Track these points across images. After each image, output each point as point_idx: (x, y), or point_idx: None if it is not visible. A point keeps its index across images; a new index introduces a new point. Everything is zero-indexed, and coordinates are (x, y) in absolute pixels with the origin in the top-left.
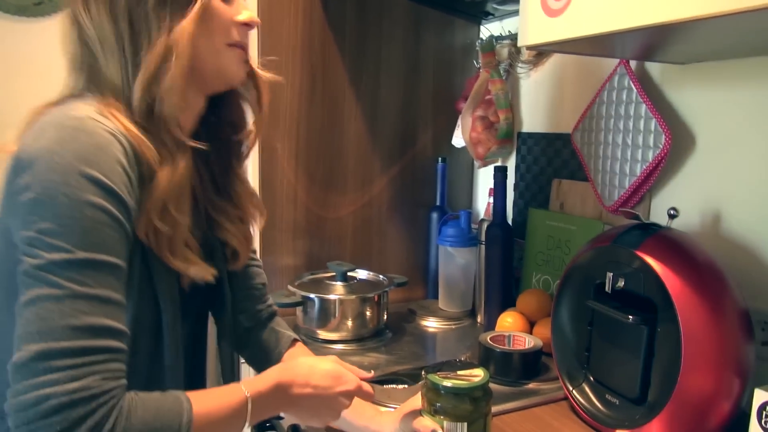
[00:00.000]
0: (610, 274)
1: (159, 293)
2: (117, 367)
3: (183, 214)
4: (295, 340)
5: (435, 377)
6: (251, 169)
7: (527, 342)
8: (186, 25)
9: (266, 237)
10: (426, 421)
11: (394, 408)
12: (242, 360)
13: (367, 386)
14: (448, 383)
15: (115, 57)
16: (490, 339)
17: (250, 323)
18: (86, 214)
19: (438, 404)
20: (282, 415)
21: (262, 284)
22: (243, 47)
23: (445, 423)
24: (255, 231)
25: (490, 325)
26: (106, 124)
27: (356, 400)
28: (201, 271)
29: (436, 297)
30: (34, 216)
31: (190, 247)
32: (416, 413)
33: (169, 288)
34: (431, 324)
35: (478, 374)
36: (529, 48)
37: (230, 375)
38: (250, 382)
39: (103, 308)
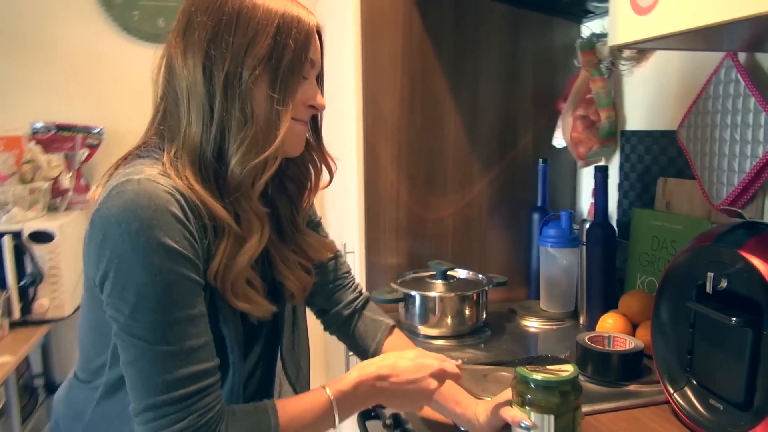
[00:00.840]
0: (710, 275)
1: (225, 333)
2: (210, 400)
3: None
4: (392, 327)
5: (524, 370)
6: (355, 173)
7: (628, 343)
8: (283, 110)
9: (370, 237)
10: (515, 412)
11: (489, 399)
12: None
13: (451, 366)
14: (537, 376)
15: (200, 114)
16: (589, 339)
17: (348, 311)
18: (158, 278)
19: (527, 396)
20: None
21: (347, 272)
22: (306, 124)
23: (532, 415)
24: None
25: (592, 326)
26: (163, 183)
27: (454, 388)
28: (260, 310)
29: (537, 298)
30: (115, 287)
31: (255, 285)
32: (507, 403)
33: (234, 327)
34: (532, 324)
35: (567, 369)
36: (618, 47)
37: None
38: (333, 383)
39: (189, 358)
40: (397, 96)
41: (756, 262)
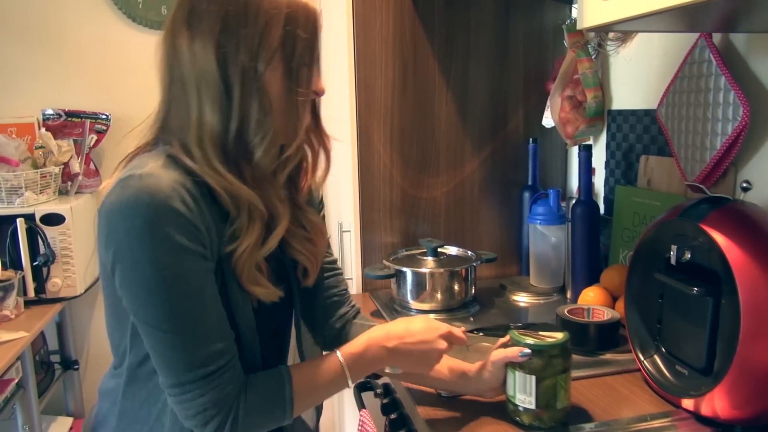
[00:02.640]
0: (674, 247)
1: (235, 311)
2: (230, 375)
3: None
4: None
5: (515, 333)
6: (350, 155)
7: (605, 315)
8: (304, 98)
9: (365, 216)
10: (510, 349)
11: None
12: None
13: (458, 331)
14: (528, 340)
15: (216, 104)
16: (568, 311)
17: (340, 324)
18: (165, 273)
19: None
20: (387, 370)
21: (344, 290)
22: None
23: (517, 374)
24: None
25: (576, 300)
26: (164, 178)
27: (452, 361)
28: (268, 294)
29: (528, 274)
30: (125, 279)
31: (262, 270)
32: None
33: (243, 306)
34: (521, 299)
35: (557, 336)
36: (586, 30)
37: None
38: (344, 347)
39: (205, 340)
40: (389, 79)
41: (715, 235)
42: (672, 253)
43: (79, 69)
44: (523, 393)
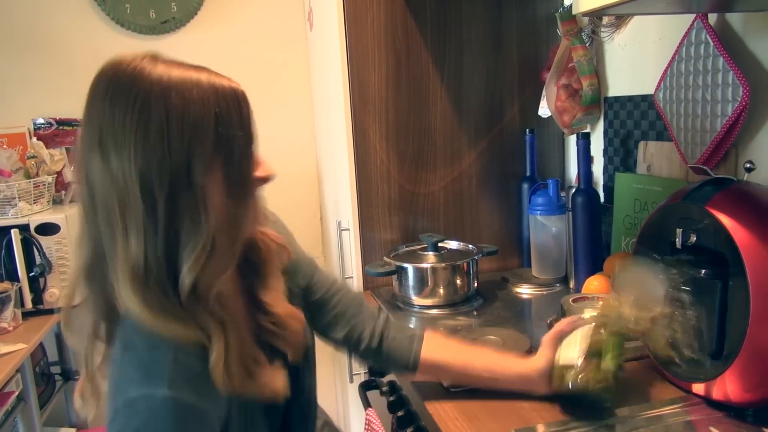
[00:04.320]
0: (680, 231)
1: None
2: None
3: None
4: (422, 336)
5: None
6: (346, 152)
7: None
8: (237, 199)
9: (363, 214)
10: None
11: None
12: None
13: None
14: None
15: (140, 230)
16: (572, 300)
17: (375, 344)
18: None
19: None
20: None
21: (359, 305)
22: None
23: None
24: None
25: (579, 289)
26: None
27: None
28: (279, 381)
29: (530, 265)
30: None
31: (259, 361)
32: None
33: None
34: (523, 290)
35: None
36: (583, 15)
37: None
38: None
39: None
40: (382, 74)
41: (721, 217)
42: (678, 237)
43: (69, 76)
44: (568, 349)
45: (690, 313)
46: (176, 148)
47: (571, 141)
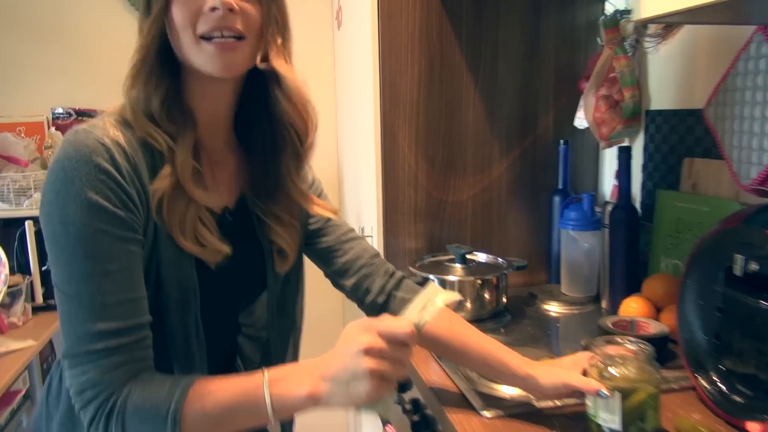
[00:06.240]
0: (740, 257)
1: (165, 281)
2: (118, 359)
3: (196, 193)
4: None
5: (597, 365)
6: (373, 156)
7: (652, 328)
8: (150, 25)
9: (388, 220)
10: (590, 380)
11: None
12: None
13: (391, 325)
14: (612, 369)
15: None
16: (612, 324)
17: (382, 299)
18: (71, 230)
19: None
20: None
21: (372, 256)
22: (214, 37)
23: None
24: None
25: (614, 310)
26: (97, 133)
27: (499, 348)
28: (207, 253)
29: (558, 282)
30: (44, 234)
31: (207, 225)
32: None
33: (177, 271)
34: (552, 308)
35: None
36: (644, 22)
37: None
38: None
39: (101, 314)
40: (415, 77)
41: None
42: (737, 263)
43: (90, 66)
44: (607, 411)
45: (746, 346)
46: None
47: (607, 155)
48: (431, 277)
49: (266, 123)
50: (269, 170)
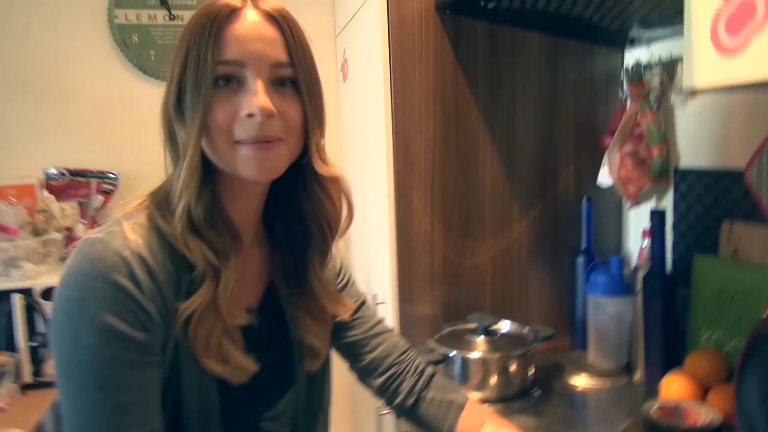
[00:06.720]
0: None
1: (184, 398)
2: None
3: (231, 314)
4: (463, 404)
5: None
6: (387, 220)
7: (702, 415)
8: (190, 133)
9: (403, 287)
10: None
11: None
12: None
13: None
14: None
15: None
16: (657, 410)
17: (412, 400)
18: (84, 357)
19: None
20: None
21: (402, 353)
22: (251, 142)
23: None
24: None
25: (651, 386)
26: (116, 245)
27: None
28: (238, 372)
29: (584, 348)
30: (53, 356)
31: (234, 340)
32: None
33: (199, 393)
34: (582, 382)
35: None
36: (699, 92)
37: None
38: None
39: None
40: (429, 135)
41: None
42: None
43: (85, 125)
44: None
45: None
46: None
47: (632, 214)
48: (452, 354)
49: (297, 213)
50: (298, 261)
